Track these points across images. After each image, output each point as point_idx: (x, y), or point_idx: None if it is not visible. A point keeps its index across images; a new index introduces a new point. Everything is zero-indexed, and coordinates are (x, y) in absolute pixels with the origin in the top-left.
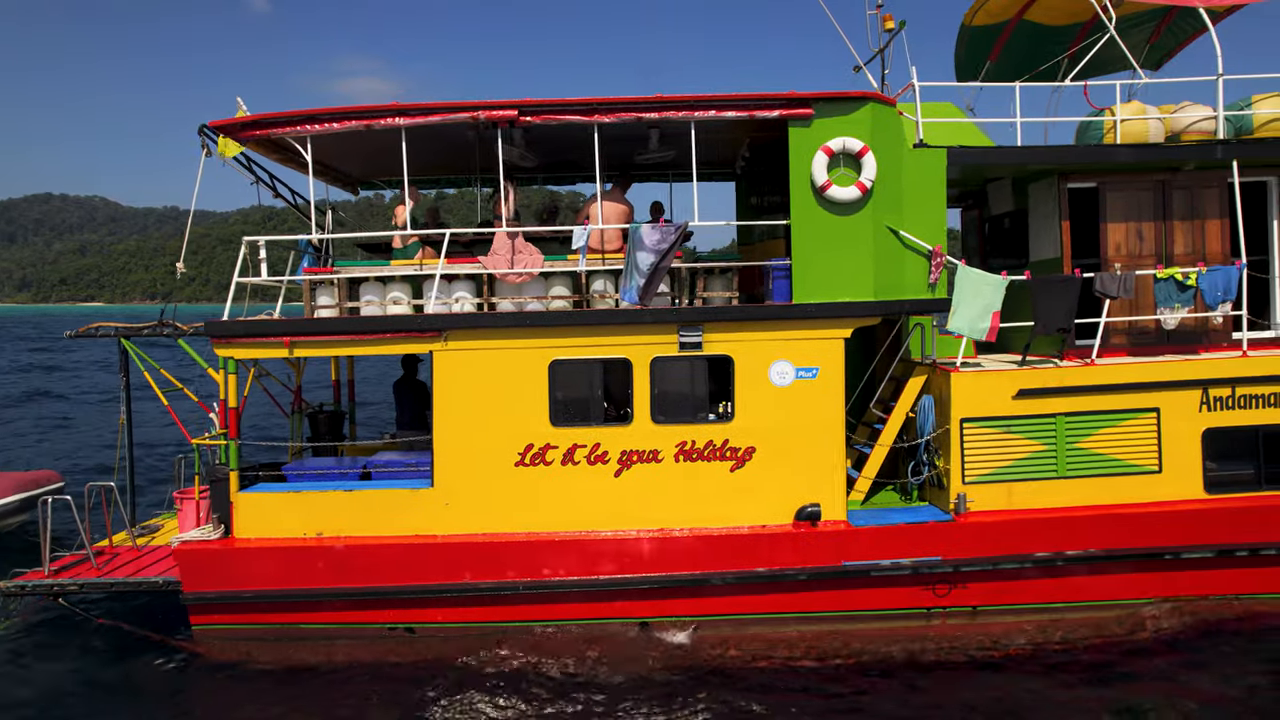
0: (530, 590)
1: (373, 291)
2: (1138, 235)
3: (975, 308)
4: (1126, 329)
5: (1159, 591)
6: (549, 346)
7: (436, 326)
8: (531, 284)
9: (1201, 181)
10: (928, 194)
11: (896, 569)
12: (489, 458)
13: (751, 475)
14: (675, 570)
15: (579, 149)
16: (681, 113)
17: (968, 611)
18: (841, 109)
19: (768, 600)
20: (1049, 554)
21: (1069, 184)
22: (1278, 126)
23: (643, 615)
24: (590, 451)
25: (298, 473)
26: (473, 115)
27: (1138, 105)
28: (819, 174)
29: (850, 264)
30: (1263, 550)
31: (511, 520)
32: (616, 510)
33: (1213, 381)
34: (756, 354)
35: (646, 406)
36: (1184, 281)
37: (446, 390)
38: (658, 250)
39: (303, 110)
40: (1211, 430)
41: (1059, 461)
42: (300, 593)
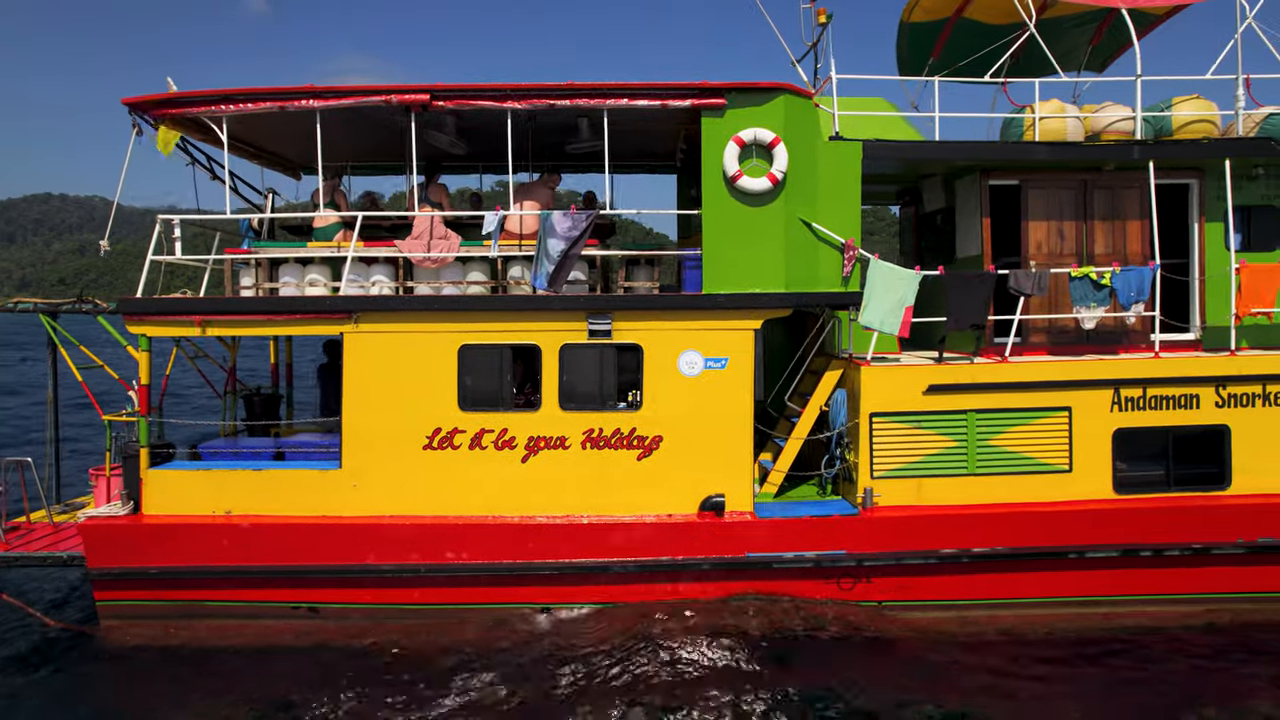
0: (432, 573)
1: (291, 273)
2: (1059, 234)
3: (888, 302)
4: (1047, 328)
5: (1065, 591)
6: (458, 331)
7: (347, 308)
8: (449, 269)
9: (1123, 182)
10: (843, 187)
11: (799, 561)
12: (397, 441)
13: (658, 464)
14: (578, 557)
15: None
16: (594, 100)
17: (873, 606)
18: (754, 100)
19: (671, 589)
20: (955, 551)
21: (991, 181)
22: (1197, 129)
23: (545, 601)
24: (498, 437)
25: (212, 451)
26: (385, 99)
27: (1056, 104)
28: (730, 164)
29: (761, 255)
30: (1166, 551)
31: (419, 503)
32: (523, 496)
33: (1124, 382)
34: (666, 343)
35: (554, 393)
36: (1099, 281)
37: (356, 372)
38: (568, 237)
39: (218, 90)
40: (1122, 430)
41: (969, 458)
42: (204, 570)
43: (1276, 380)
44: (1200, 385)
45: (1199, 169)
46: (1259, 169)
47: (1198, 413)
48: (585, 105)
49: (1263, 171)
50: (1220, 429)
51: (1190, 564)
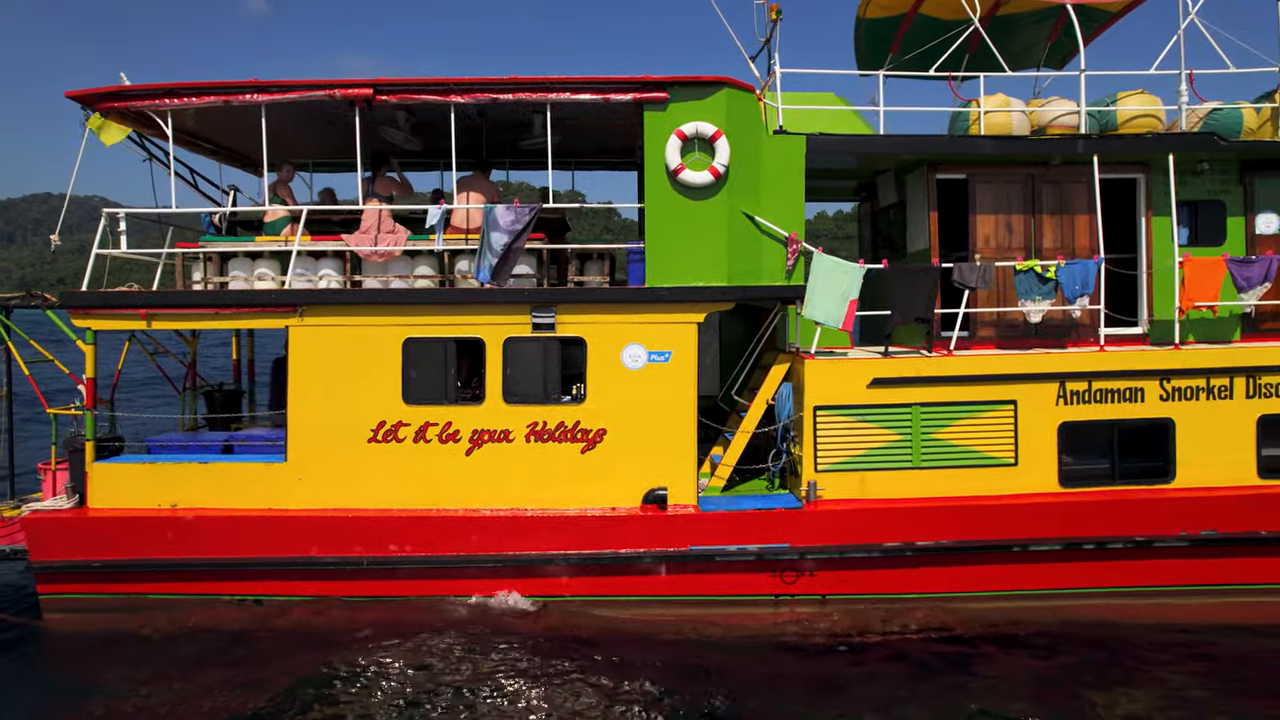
0: (375, 566)
1: (241, 267)
2: (1007, 228)
3: (831, 296)
4: (995, 321)
5: (1010, 584)
6: (403, 325)
7: (291, 302)
8: (397, 263)
9: (1071, 176)
10: (786, 180)
11: (742, 554)
12: (342, 434)
13: (602, 457)
14: (522, 550)
15: (465, 134)
16: (535, 94)
17: (817, 600)
18: (696, 94)
19: (615, 582)
20: (898, 544)
21: (938, 175)
22: (1141, 123)
23: (487, 593)
24: (442, 430)
25: (160, 445)
26: (329, 93)
27: (1002, 98)
28: (672, 158)
29: (704, 249)
30: (1110, 544)
31: (363, 496)
32: (467, 489)
33: (1069, 375)
34: (609, 336)
35: (499, 386)
36: (1044, 274)
37: (301, 366)
38: (511, 231)
39: (162, 84)
40: (1067, 424)
41: (914, 452)
42: (148, 563)
43: (1220, 374)
44: (1145, 379)
45: (1145, 164)
46: (1205, 164)
47: (1142, 406)
48: (528, 99)
49: (1208, 166)
50: (1165, 422)
51: (1134, 557)
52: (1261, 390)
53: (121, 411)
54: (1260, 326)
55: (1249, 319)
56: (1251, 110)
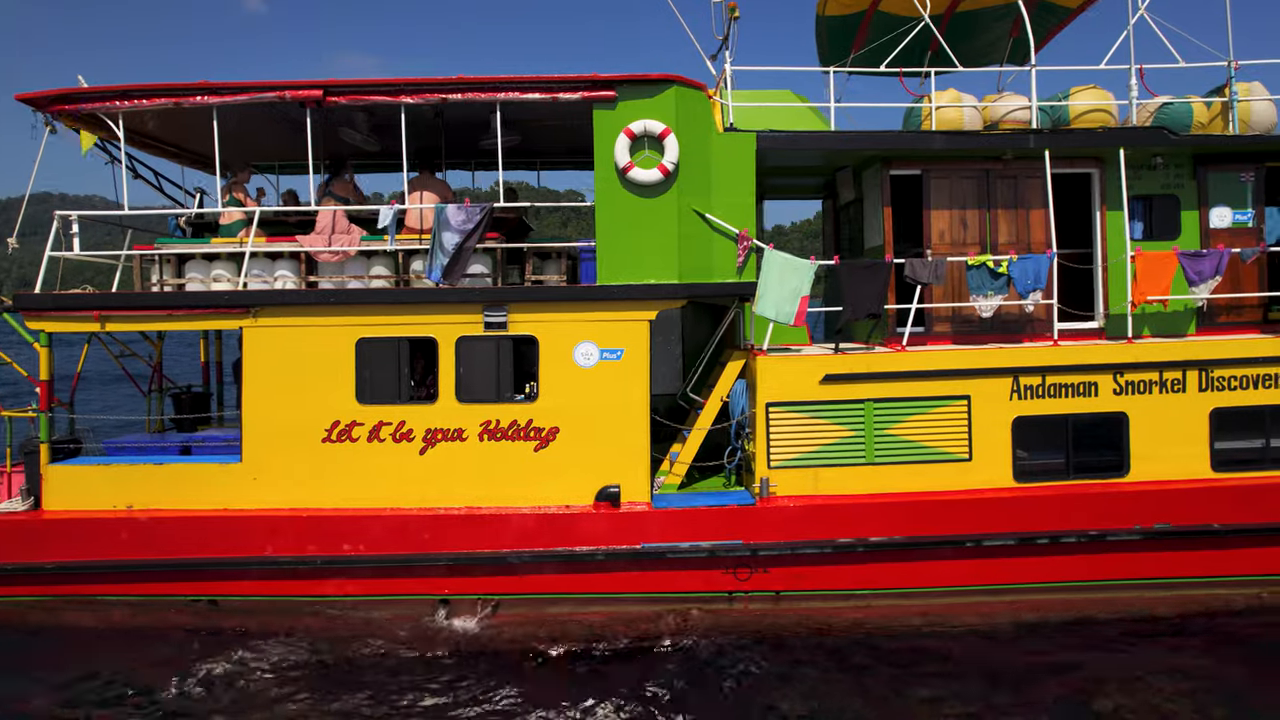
0: (329, 565)
1: (197, 269)
2: (961, 223)
3: (782, 292)
4: (950, 317)
5: (964, 579)
6: (356, 325)
7: (245, 303)
8: (353, 263)
9: (1026, 171)
10: (736, 177)
11: (695, 551)
12: (296, 434)
13: (555, 455)
14: (475, 548)
15: (426, 135)
16: (485, 94)
17: (771, 596)
18: (645, 92)
19: (568, 580)
20: (851, 540)
21: (892, 171)
22: (1093, 118)
23: (442, 592)
24: (396, 429)
25: (118, 447)
26: (279, 94)
27: (954, 93)
28: (621, 156)
29: (654, 246)
30: (1064, 538)
31: (318, 496)
32: (421, 488)
33: (1022, 370)
34: (561, 335)
35: (451, 386)
36: (996, 269)
37: (255, 367)
38: (462, 230)
39: (112, 86)
40: (1021, 419)
41: (868, 448)
42: (102, 564)
43: (1172, 367)
44: (1098, 373)
45: (1099, 158)
46: (1158, 158)
47: (1096, 400)
48: (477, 99)
49: (1162, 161)
50: (1118, 416)
51: (1088, 551)
52: (1213, 383)
53: (83, 413)
54: (1216, 320)
55: (1204, 312)
56: (1201, 105)
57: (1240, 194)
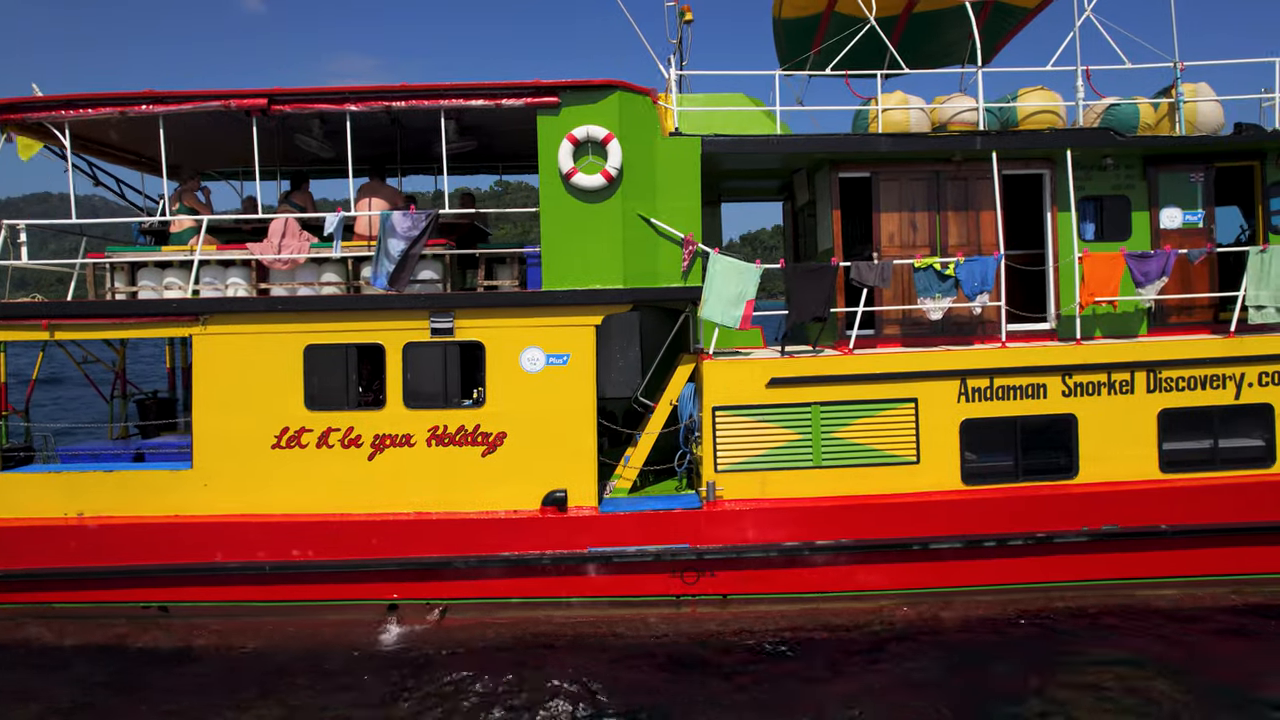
0: (277, 570)
1: (150, 277)
2: (911, 225)
3: (727, 295)
4: (900, 319)
5: (912, 583)
6: (304, 331)
7: (193, 311)
8: (304, 271)
9: (976, 173)
10: (682, 181)
11: (641, 555)
12: (245, 440)
13: (503, 460)
14: (423, 553)
15: (381, 142)
16: (429, 102)
17: (718, 600)
18: (588, 97)
19: (515, 584)
20: (798, 543)
21: (841, 174)
22: (1041, 119)
23: (391, 597)
24: (344, 435)
25: (71, 454)
26: (224, 104)
27: (900, 95)
28: (565, 161)
29: (599, 251)
30: (1011, 541)
31: (268, 502)
32: (370, 493)
33: (970, 372)
34: (507, 340)
35: (399, 391)
36: (943, 272)
37: (205, 374)
38: (408, 237)
39: (57, 95)
40: (970, 421)
41: (815, 451)
42: (50, 572)
43: (1121, 368)
44: (1047, 375)
45: (1050, 159)
46: (1108, 159)
47: (1045, 402)
48: (421, 106)
49: (1112, 162)
50: (1067, 418)
51: (1036, 553)
52: (1162, 384)
53: (60, 418)
54: (1167, 320)
55: (1156, 313)
56: (1148, 106)
57: (1190, 195)
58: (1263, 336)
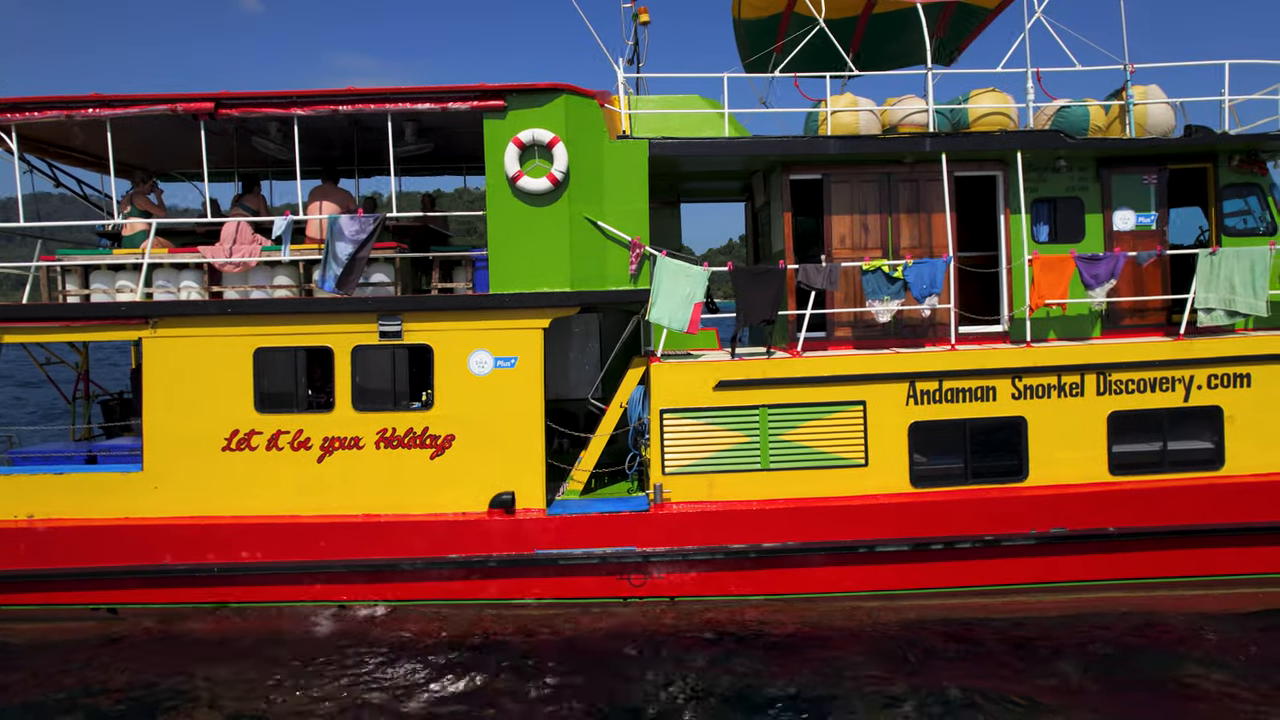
0: (225, 572)
1: (103, 279)
2: (863, 227)
3: (675, 298)
4: (852, 322)
5: (859, 585)
6: (253, 335)
7: (142, 314)
8: (257, 274)
9: (928, 174)
10: (629, 184)
11: (587, 558)
12: (196, 442)
13: (451, 463)
14: (371, 555)
15: (341, 144)
16: (375, 105)
17: (665, 602)
18: (534, 101)
19: (463, 586)
20: (744, 546)
21: (792, 175)
22: (993, 121)
23: (339, 598)
24: (294, 438)
25: (23, 457)
26: (170, 107)
27: (850, 97)
28: (511, 165)
29: (546, 254)
30: (959, 544)
31: (219, 504)
32: (320, 495)
33: (919, 375)
34: (455, 343)
35: (348, 394)
36: (891, 274)
37: (155, 377)
38: (356, 240)
39: (5, 99)
40: (918, 424)
41: (763, 453)
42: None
43: (1071, 371)
44: (996, 377)
45: (1003, 161)
46: (1062, 161)
47: (994, 405)
48: (367, 110)
49: (1066, 164)
50: (1017, 421)
51: (984, 556)
52: (1112, 387)
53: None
54: (1120, 323)
55: (1109, 315)
56: (1099, 108)
57: (1144, 197)
58: (1212, 339)
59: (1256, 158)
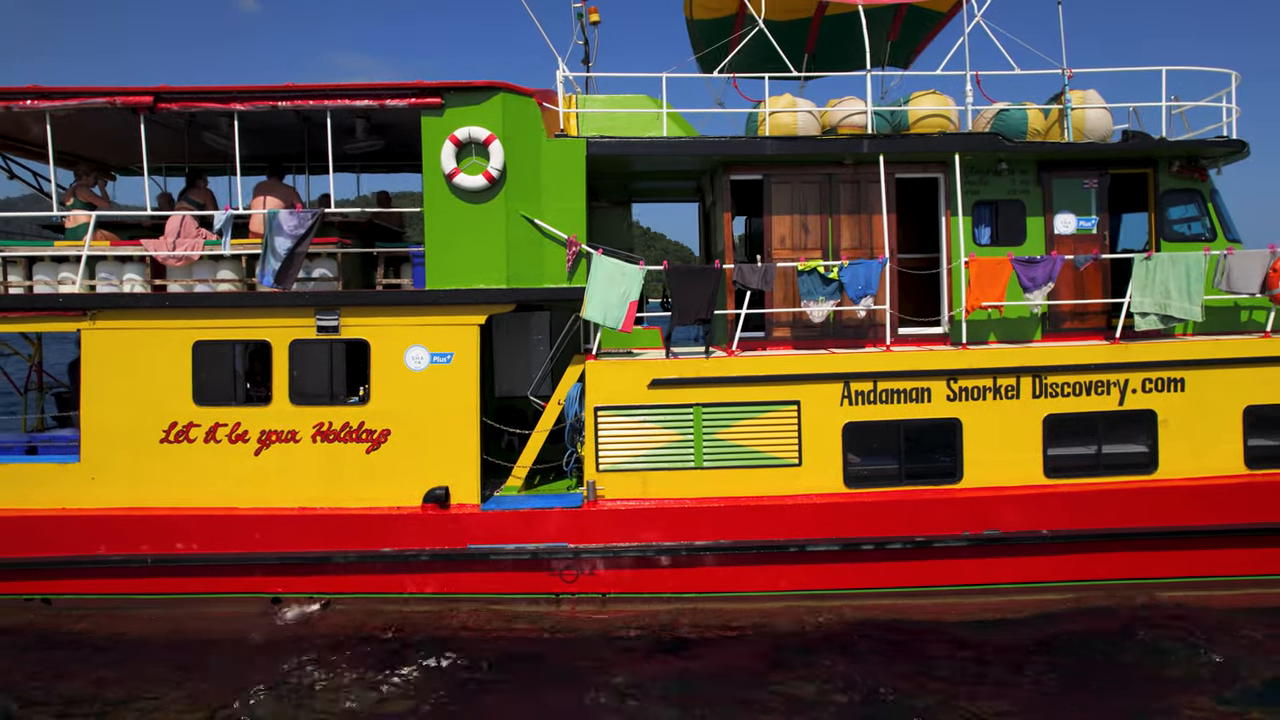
0: (160, 564)
1: (46, 271)
2: (803, 228)
3: (611, 296)
4: (791, 322)
5: (791, 584)
6: (192, 328)
7: (80, 306)
8: (201, 267)
9: (870, 176)
10: (566, 183)
11: (519, 553)
12: (134, 435)
13: (387, 457)
14: (306, 548)
15: (292, 140)
16: (313, 102)
17: (598, 599)
18: (471, 99)
19: (396, 580)
20: (676, 544)
21: (733, 176)
22: (933, 123)
23: (274, 591)
24: (231, 431)
25: None
26: (109, 100)
27: (789, 98)
28: (447, 162)
29: (482, 251)
30: (889, 544)
31: (156, 496)
32: (257, 488)
33: (853, 376)
34: (392, 339)
35: (285, 388)
36: (827, 275)
37: (93, 369)
38: (294, 235)
39: None
40: (852, 424)
41: (696, 452)
42: None
43: (1006, 373)
44: (931, 379)
45: (945, 163)
46: (1003, 164)
47: (929, 406)
48: (305, 106)
49: (1007, 167)
50: (952, 422)
51: (916, 557)
52: (1047, 390)
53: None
54: (1061, 326)
55: (1051, 319)
56: (1037, 111)
57: (1084, 201)
58: (1147, 343)
59: (1197, 164)
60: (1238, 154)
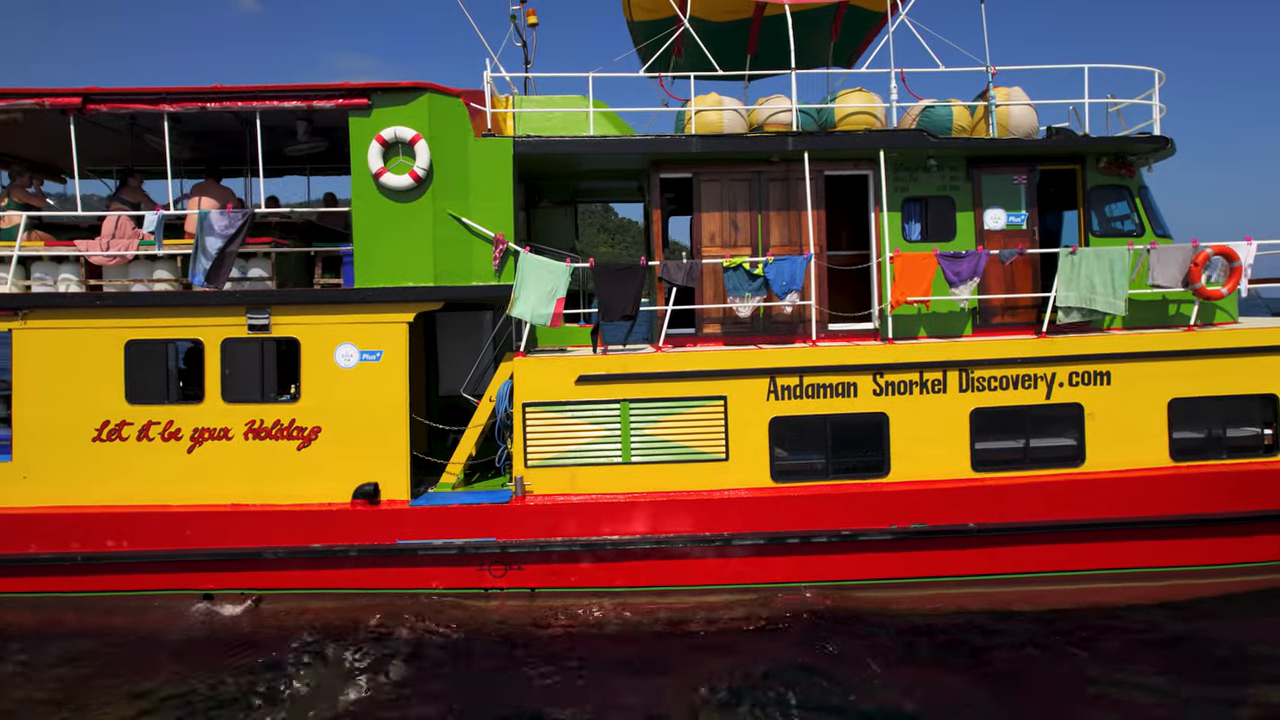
0: (90, 561)
1: None
2: (732, 225)
3: (538, 293)
4: (721, 318)
5: (716, 578)
6: (124, 327)
7: (12, 305)
8: (137, 267)
9: (798, 173)
10: (494, 182)
11: (446, 549)
12: (66, 433)
13: (317, 454)
14: (234, 545)
15: (234, 142)
16: (242, 103)
17: (526, 594)
18: (398, 100)
19: (326, 576)
20: (602, 539)
21: (662, 174)
22: (859, 120)
23: (205, 587)
24: (164, 428)
25: None
26: (38, 101)
27: (715, 97)
28: (374, 162)
29: (409, 250)
30: (814, 538)
31: (89, 494)
32: (189, 486)
33: (779, 370)
34: (322, 337)
35: (217, 386)
36: (752, 271)
37: (25, 368)
38: (224, 235)
39: None
40: (779, 419)
41: (624, 447)
42: None
43: (933, 368)
44: (857, 374)
45: (873, 161)
46: (932, 161)
47: (856, 401)
48: (234, 108)
49: (936, 164)
50: (878, 417)
51: (842, 550)
52: (974, 384)
53: None
54: (991, 321)
55: (982, 313)
56: (963, 108)
57: (1014, 196)
58: (1073, 337)
59: (1124, 160)
60: (1163, 151)
